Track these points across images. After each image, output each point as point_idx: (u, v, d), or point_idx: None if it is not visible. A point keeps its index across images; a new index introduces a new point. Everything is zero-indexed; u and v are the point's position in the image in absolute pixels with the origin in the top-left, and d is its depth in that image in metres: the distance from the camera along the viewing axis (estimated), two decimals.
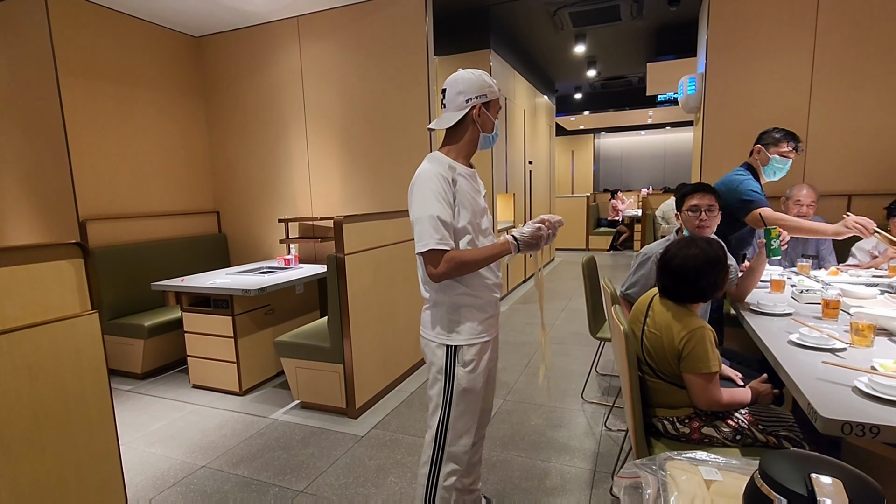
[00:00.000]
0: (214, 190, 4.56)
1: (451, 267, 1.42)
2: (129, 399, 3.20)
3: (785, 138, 2.45)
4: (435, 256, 1.42)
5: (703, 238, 1.67)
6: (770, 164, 2.48)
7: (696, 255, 1.56)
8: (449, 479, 1.58)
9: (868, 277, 2.38)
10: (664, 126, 11.61)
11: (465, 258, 1.44)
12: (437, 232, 1.41)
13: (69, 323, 1.48)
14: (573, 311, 5.16)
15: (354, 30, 3.83)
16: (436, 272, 1.42)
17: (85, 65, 3.49)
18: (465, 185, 1.51)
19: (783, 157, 2.45)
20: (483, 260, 1.46)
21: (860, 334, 1.51)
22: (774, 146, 2.46)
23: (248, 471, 2.33)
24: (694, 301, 1.60)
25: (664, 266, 1.62)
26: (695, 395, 1.51)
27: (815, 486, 0.65)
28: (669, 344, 1.53)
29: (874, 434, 1.05)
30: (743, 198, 2.37)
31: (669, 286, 1.61)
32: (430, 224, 1.41)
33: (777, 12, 3.18)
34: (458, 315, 1.53)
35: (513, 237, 1.46)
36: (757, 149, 2.52)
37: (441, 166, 1.48)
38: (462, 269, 1.45)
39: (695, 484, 0.84)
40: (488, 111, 1.54)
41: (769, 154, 2.47)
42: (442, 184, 1.45)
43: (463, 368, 1.53)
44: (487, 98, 1.52)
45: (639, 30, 6.13)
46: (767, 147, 2.47)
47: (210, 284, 3.05)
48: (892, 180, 3.06)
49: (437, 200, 1.43)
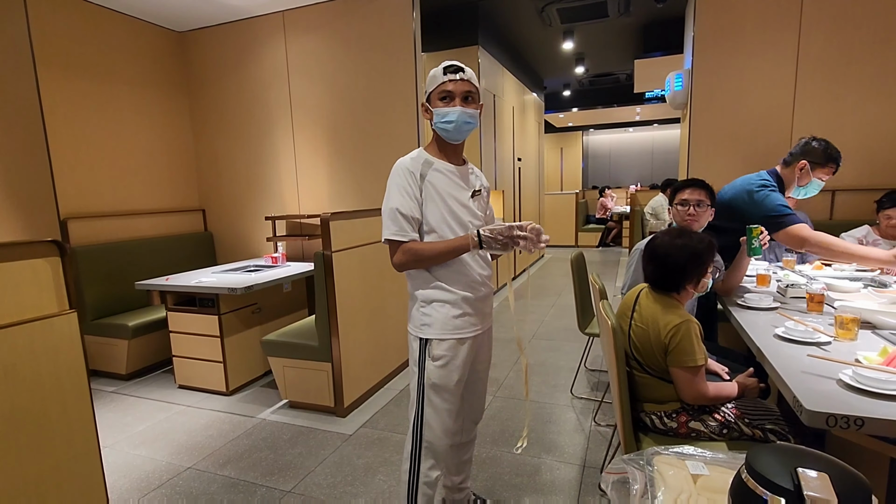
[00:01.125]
0: (200, 187, 4.50)
1: (407, 258, 1.47)
2: (114, 400, 3.14)
3: (831, 161, 2.20)
4: (393, 247, 1.48)
5: (691, 230, 1.68)
6: (809, 185, 2.27)
7: (682, 245, 1.58)
8: (430, 473, 1.56)
9: (852, 272, 2.41)
10: (652, 123, 11.69)
11: (420, 250, 1.46)
12: (395, 224, 1.46)
13: (46, 323, 1.44)
14: (562, 306, 5.18)
15: (341, 25, 3.79)
16: (394, 262, 1.50)
17: (65, 60, 3.42)
18: (441, 180, 1.50)
19: (822, 179, 2.25)
20: (440, 253, 1.46)
21: (844, 327, 1.52)
22: (821, 168, 2.21)
23: (235, 471, 2.30)
24: (678, 290, 1.61)
25: (651, 253, 1.64)
26: (681, 388, 1.52)
27: (801, 480, 0.65)
28: (656, 338, 1.53)
29: (858, 426, 1.05)
30: (771, 213, 2.15)
31: (654, 274, 1.62)
32: (388, 216, 1.47)
33: (762, 10, 3.20)
34: (429, 308, 1.52)
35: (477, 232, 1.41)
36: (802, 164, 2.24)
37: (412, 161, 1.50)
38: (419, 262, 1.47)
39: (681, 479, 0.84)
40: (430, 104, 1.50)
41: (813, 174, 2.22)
42: (406, 177, 1.47)
43: (433, 362, 1.52)
44: (427, 92, 1.51)
45: (626, 26, 6.15)
46: (814, 167, 2.21)
47: (195, 283, 3.01)
48: (875, 176, 3.11)
49: (399, 193, 1.47)
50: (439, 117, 1.47)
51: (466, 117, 1.47)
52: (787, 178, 2.32)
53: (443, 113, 1.46)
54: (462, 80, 1.46)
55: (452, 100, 1.46)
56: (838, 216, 3.20)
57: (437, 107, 1.47)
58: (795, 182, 2.29)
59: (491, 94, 5.61)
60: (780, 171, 2.35)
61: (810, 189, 2.31)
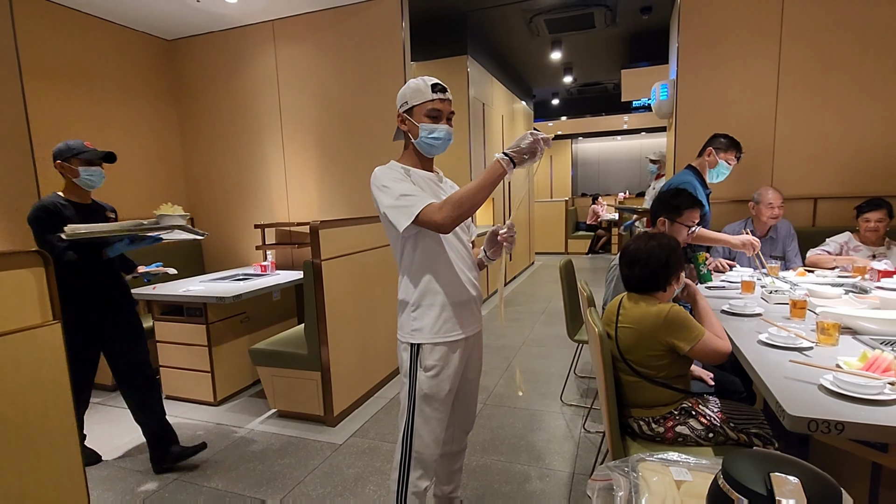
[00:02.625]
0: (188, 195, 4.47)
1: (448, 208, 1.35)
2: (99, 412, 3.09)
3: (732, 147, 2.68)
4: (427, 214, 1.37)
5: (657, 233, 1.75)
6: (717, 167, 2.69)
7: (658, 244, 1.65)
8: (419, 483, 1.56)
9: (834, 278, 2.45)
10: (639, 132, 11.82)
11: (456, 196, 1.37)
12: (412, 199, 1.39)
13: (30, 334, 1.42)
14: (552, 314, 5.20)
15: (331, 34, 3.81)
16: (440, 220, 1.36)
17: (51, 68, 3.39)
18: (423, 183, 1.52)
19: (728, 163, 2.68)
20: (479, 188, 1.35)
21: (826, 333, 1.55)
22: (724, 152, 2.68)
23: (223, 483, 2.27)
24: (664, 288, 1.65)
25: (631, 259, 1.68)
26: (707, 358, 1.55)
27: (774, 484, 0.67)
28: (651, 326, 1.55)
29: (839, 431, 1.07)
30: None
31: (641, 275, 1.66)
32: (403, 200, 1.40)
33: (744, 22, 3.28)
34: (419, 312, 1.52)
35: (504, 154, 1.34)
36: (709, 151, 2.70)
37: (394, 165, 1.55)
38: (461, 205, 1.35)
39: (665, 485, 0.85)
40: (412, 118, 1.51)
41: (718, 158, 2.68)
42: (395, 171, 1.50)
43: (425, 373, 1.52)
44: (409, 105, 1.51)
45: (613, 37, 6.25)
46: (717, 151, 2.68)
47: (183, 292, 2.98)
48: (856, 183, 3.17)
49: (397, 182, 1.45)
50: (427, 132, 1.50)
51: (450, 136, 1.54)
52: (701, 166, 2.75)
53: (431, 129, 1.50)
54: (448, 101, 1.53)
55: (440, 119, 1.51)
56: (821, 223, 3.26)
57: (422, 122, 1.50)
58: (707, 167, 2.72)
59: (480, 102, 5.66)
60: (695, 164, 2.77)
61: (720, 171, 2.71)
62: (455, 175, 5.47)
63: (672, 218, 2.21)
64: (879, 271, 2.36)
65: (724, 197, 3.40)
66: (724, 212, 3.39)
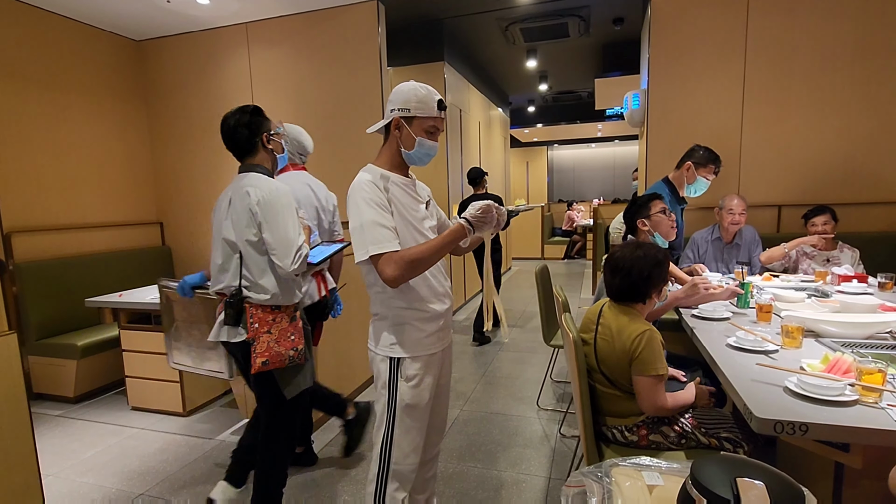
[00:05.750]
0: (157, 200, 4.35)
1: (403, 268, 1.36)
2: (60, 425, 2.96)
3: (711, 161, 2.65)
4: (381, 261, 1.37)
5: (646, 242, 1.75)
6: (696, 184, 2.68)
7: (643, 255, 1.64)
8: (396, 495, 1.54)
9: (797, 282, 2.54)
10: (613, 139, 12.06)
11: (415, 255, 1.38)
12: (376, 235, 1.38)
13: None
14: (528, 318, 5.23)
15: (306, 38, 3.77)
16: (387, 277, 1.37)
17: (10, 67, 3.26)
18: (400, 194, 1.49)
19: (707, 178, 2.67)
20: (435, 250, 1.41)
21: (790, 336, 1.60)
22: (703, 167, 2.65)
23: (192, 497, 2.20)
24: (644, 300, 1.66)
25: (614, 267, 1.67)
26: (642, 398, 1.55)
27: (740, 489, 0.70)
28: (621, 347, 1.56)
29: (803, 432, 1.10)
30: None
31: (622, 285, 1.66)
32: (366, 230, 1.38)
33: (711, 36, 3.38)
34: (402, 328, 1.50)
35: (465, 220, 1.44)
36: (687, 165, 2.68)
37: (372, 174, 1.47)
38: (417, 267, 1.39)
39: (638, 490, 0.86)
40: (410, 127, 1.47)
41: (697, 174, 2.66)
42: (373, 189, 1.43)
43: (406, 383, 1.49)
44: (411, 113, 1.45)
45: (587, 46, 6.37)
46: (697, 167, 2.66)
47: (150, 299, 2.89)
48: (817, 192, 3.30)
49: (369, 206, 1.40)
50: (422, 148, 1.49)
51: (436, 150, 1.55)
52: (677, 180, 2.72)
53: (428, 146, 1.50)
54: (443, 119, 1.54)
55: (436, 136, 1.51)
56: (785, 230, 3.38)
57: (420, 136, 1.48)
58: (685, 182, 2.70)
59: (457, 108, 5.68)
60: (671, 177, 2.76)
61: (698, 187, 2.70)
62: (432, 181, 5.46)
63: (645, 215, 2.29)
64: (840, 276, 2.46)
65: (693, 204, 3.48)
66: (693, 219, 3.48)
